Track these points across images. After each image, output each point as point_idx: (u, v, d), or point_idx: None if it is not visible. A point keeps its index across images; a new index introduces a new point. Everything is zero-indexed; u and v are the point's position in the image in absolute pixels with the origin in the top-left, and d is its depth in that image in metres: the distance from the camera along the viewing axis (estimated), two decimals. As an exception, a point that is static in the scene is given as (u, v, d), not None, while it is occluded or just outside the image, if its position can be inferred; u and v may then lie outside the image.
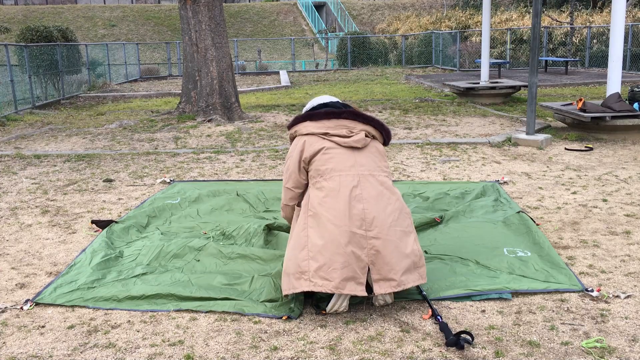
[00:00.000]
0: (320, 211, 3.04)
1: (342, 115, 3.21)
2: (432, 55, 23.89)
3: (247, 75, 22.59)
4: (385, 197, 3.09)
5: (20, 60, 13.01)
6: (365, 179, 3.10)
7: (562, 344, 2.75)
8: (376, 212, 3.02)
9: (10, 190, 5.92)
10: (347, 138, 3.17)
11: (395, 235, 3.02)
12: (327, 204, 3.04)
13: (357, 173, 3.11)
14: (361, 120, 3.22)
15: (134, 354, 2.77)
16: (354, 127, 3.20)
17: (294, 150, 3.23)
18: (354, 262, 2.94)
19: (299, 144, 3.23)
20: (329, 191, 3.06)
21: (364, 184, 3.08)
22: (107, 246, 4.07)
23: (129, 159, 7.33)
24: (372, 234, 2.97)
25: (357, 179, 3.09)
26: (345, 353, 2.72)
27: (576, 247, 3.98)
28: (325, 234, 2.98)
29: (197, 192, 5.39)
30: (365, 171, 3.13)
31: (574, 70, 18.92)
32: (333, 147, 3.15)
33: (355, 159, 3.15)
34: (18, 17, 33.29)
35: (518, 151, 7.22)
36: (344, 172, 3.10)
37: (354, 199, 3.03)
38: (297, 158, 3.21)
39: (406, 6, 36.87)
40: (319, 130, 3.19)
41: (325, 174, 3.12)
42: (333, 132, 3.18)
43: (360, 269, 2.95)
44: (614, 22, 7.58)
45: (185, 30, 10.35)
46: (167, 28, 33.93)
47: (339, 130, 3.18)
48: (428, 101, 12.37)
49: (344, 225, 2.97)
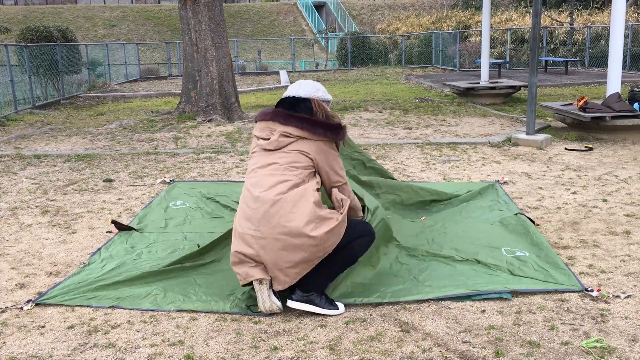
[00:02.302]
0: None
1: (267, 117, 3.27)
2: (432, 55, 23.89)
3: (247, 75, 22.60)
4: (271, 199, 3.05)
5: (20, 60, 13.02)
6: (263, 179, 3.14)
7: (562, 344, 2.75)
8: (263, 211, 3.05)
9: (10, 190, 5.93)
10: (265, 141, 3.24)
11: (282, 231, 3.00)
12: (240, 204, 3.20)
13: (261, 174, 3.17)
14: (280, 121, 3.21)
15: (134, 354, 2.77)
16: (275, 128, 3.22)
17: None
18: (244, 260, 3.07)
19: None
20: (242, 197, 3.21)
21: (261, 184, 3.13)
22: (125, 252, 4.04)
23: (129, 159, 7.33)
24: (259, 234, 3.04)
25: (257, 179, 3.16)
26: (345, 353, 2.72)
27: (576, 247, 3.98)
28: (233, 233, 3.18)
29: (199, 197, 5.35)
30: (267, 172, 3.16)
31: (574, 70, 18.93)
32: (257, 151, 3.28)
33: (265, 161, 3.20)
34: (18, 17, 33.30)
35: (518, 151, 7.22)
36: (252, 174, 3.21)
37: (248, 201, 3.13)
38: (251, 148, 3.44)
39: (406, 6, 36.88)
40: (254, 133, 3.34)
41: (246, 176, 3.30)
42: (259, 135, 3.28)
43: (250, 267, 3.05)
44: (614, 22, 7.58)
45: (185, 30, 10.36)
46: (167, 28, 33.94)
47: (264, 132, 3.26)
48: (428, 101, 12.37)
49: (239, 227, 3.11)
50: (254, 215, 3.06)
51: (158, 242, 4.23)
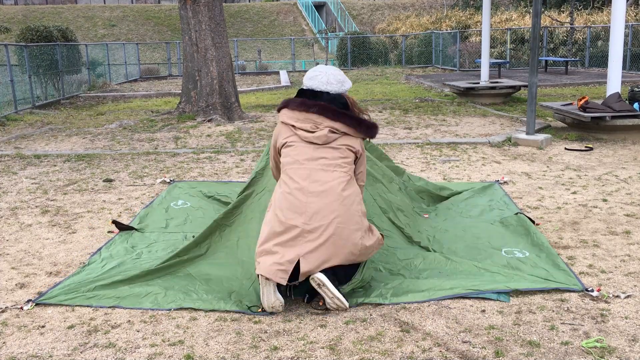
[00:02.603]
0: (274, 201, 3.23)
1: (311, 109, 3.24)
2: (432, 55, 23.89)
3: (247, 75, 22.59)
4: (330, 195, 3.12)
5: (20, 60, 13.01)
6: (316, 174, 3.15)
7: (562, 344, 2.75)
8: (318, 206, 3.09)
9: (10, 190, 5.93)
10: (310, 133, 3.22)
11: (334, 231, 3.07)
12: (280, 195, 3.19)
13: (311, 167, 3.18)
14: (329, 116, 3.22)
15: (134, 354, 2.77)
16: (321, 122, 3.23)
17: (273, 136, 3.42)
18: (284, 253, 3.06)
19: (275, 132, 3.40)
20: (283, 184, 3.21)
21: (314, 178, 3.15)
22: (125, 252, 4.03)
23: (129, 159, 7.33)
24: (308, 227, 3.06)
25: (308, 173, 3.16)
26: (345, 353, 2.72)
27: (576, 247, 3.98)
28: (269, 223, 3.16)
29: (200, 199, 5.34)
30: (318, 166, 3.18)
31: (574, 70, 18.92)
32: (296, 141, 3.24)
33: (313, 154, 3.20)
34: (18, 17, 33.30)
35: (518, 151, 7.22)
36: (297, 166, 3.19)
37: (298, 194, 3.12)
38: (274, 144, 3.41)
39: (406, 6, 36.88)
40: (289, 121, 3.28)
41: (284, 166, 3.25)
42: (298, 125, 3.24)
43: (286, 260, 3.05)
44: (614, 22, 7.58)
45: (185, 30, 10.36)
46: (167, 28, 33.94)
47: (305, 124, 3.23)
48: (428, 101, 12.37)
49: (282, 216, 3.11)
50: (304, 208, 3.08)
51: (159, 242, 4.23)
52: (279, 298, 3.08)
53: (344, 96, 3.34)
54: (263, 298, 3.09)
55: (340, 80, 3.35)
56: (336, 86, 3.32)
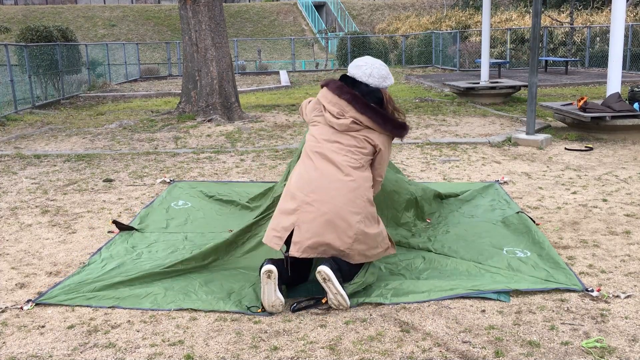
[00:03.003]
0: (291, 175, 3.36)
1: (343, 96, 3.29)
2: (432, 55, 23.88)
3: (247, 75, 22.59)
4: (336, 175, 3.21)
5: (20, 60, 13.01)
6: (329, 154, 3.25)
7: (562, 344, 2.75)
8: (321, 183, 3.19)
9: (10, 190, 5.93)
10: (335, 119, 3.29)
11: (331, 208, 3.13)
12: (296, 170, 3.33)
13: (325, 147, 3.27)
14: (357, 108, 3.26)
15: (134, 354, 2.77)
16: (348, 111, 3.28)
17: (309, 106, 3.52)
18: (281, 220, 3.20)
19: (312, 103, 3.51)
20: (300, 161, 3.35)
21: (325, 157, 3.25)
22: (126, 252, 4.03)
23: (128, 159, 7.33)
24: (308, 199, 3.15)
25: (320, 151, 3.27)
26: (345, 353, 2.72)
27: (576, 247, 3.98)
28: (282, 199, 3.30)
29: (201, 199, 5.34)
30: (331, 148, 3.27)
31: (574, 70, 18.92)
32: (321, 122, 3.36)
33: (330, 137, 3.29)
34: (18, 17, 33.29)
35: (518, 151, 7.22)
36: (315, 145, 3.30)
37: (308, 170, 3.25)
38: (305, 113, 3.54)
39: (406, 6, 36.87)
40: (323, 100, 3.36)
41: (305, 147, 3.37)
42: (328, 108, 3.32)
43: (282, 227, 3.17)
44: (614, 22, 7.58)
45: (185, 30, 10.35)
46: (167, 28, 33.93)
47: (333, 107, 3.30)
48: (428, 101, 12.37)
49: (290, 190, 3.23)
50: (308, 182, 3.20)
51: (159, 242, 4.22)
52: (279, 297, 3.08)
53: (381, 91, 3.36)
54: (264, 297, 3.08)
55: (383, 75, 3.37)
56: (377, 80, 3.35)
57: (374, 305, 3.19)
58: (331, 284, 3.08)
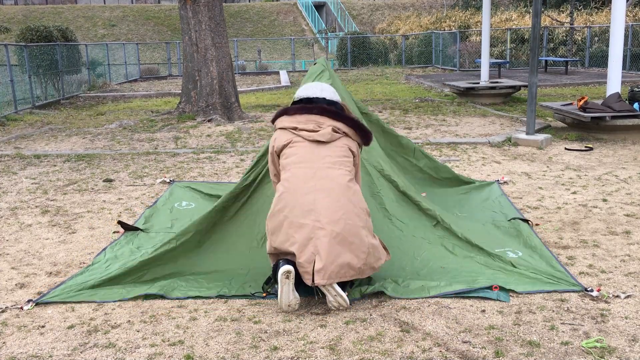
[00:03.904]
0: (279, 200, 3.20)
1: (313, 111, 3.32)
2: (432, 55, 23.88)
3: (247, 75, 22.59)
4: (337, 192, 3.16)
5: (20, 60, 13.01)
6: (322, 171, 3.20)
7: (562, 344, 2.75)
8: (327, 203, 3.12)
9: (10, 190, 5.93)
10: (314, 132, 3.27)
11: (344, 227, 3.09)
12: (282, 195, 3.19)
13: (317, 166, 3.21)
14: (330, 116, 3.30)
15: (134, 354, 2.77)
16: (323, 122, 3.29)
17: (270, 143, 3.44)
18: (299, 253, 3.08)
19: (272, 138, 3.43)
20: (287, 183, 3.21)
21: (320, 175, 3.19)
22: (131, 253, 4.03)
23: (128, 159, 7.33)
24: (319, 224, 3.07)
25: (314, 171, 3.20)
26: (345, 353, 2.72)
27: (576, 247, 3.98)
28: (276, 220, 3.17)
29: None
30: (324, 164, 3.22)
31: (574, 70, 18.92)
32: (299, 141, 3.29)
33: (318, 153, 3.24)
34: (18, 17, 33.29)
35: (518, 151, 7.22)
36: (303, 165, 3.22)
37: (306, 191, 3.15)
38: (271, 151, 3.42)
39: (406, 6, 36.87)
40: (290, 125, 3.32)
41: (287, 166, 3.27)
42: (301, 127, 3.29)
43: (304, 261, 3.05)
44: (614, 22, 7.58)
45: (185, 30, 10.36)
46: (167, 28, 33.93)
47: (308, 124, 3.29)
48: (428, 101, 12.37)
49: (295, 218, 3.11)
50: (312, 205, 3.11)
51: None
52: (296, 296, 3.11)
53: (339, 103, 3.46)
54: (281, 297, 3.09)
55: (332, 90, 3.49)
56: (330, 93, 3.45)
57: (374, 305, 3.20)
58: (331, 287, 3.09)
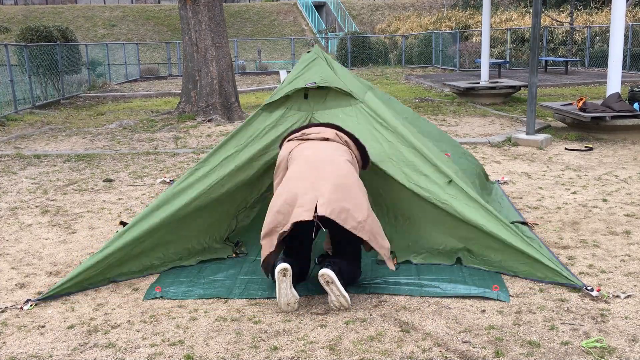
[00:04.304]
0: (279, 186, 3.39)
1: (320, 126, 3.68)
2: (432, 55, 23.88)
3: (247, 75, 22.60)
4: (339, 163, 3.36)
5: (20, 60, 13.01)
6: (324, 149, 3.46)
7: (562, 344, 2.75)
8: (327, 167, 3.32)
9: (10, 190, 5.93)
10: (319, 134, 3.60)
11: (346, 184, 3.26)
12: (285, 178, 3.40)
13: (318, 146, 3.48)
14: (333, 128, 3.65)
15: (134, 354, 2.77)
16: (327, 129, 3.63)
17: (278, 160, 3.65)
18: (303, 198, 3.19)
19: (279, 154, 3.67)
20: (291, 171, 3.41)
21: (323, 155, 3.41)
22: None
23: (128, 159, 7.33)
24: (323, 177, 3.25)
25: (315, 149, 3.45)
26: (345, 353, 2.72)
27: (576, 247, 3.98)
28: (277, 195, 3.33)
29: None
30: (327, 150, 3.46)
31: (574, 70, 18.91)
32: (305, 141, 3.57)
33: (322, 146, 3.50)
34: (18, 17, 33.29)
35: (518, 151, 7.22)
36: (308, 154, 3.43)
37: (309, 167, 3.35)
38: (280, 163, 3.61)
39: (406, 6, 36.86)
40: (298, 134, 3.64)
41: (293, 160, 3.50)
42: (307, 132, 3.63)
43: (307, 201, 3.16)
44: (614, 22, 7.58)
45: (185, 30, 10.35)
46: (167, 28, 33.92)
47: (314, 131, 3.63)
48: (428, 101, 12.37)
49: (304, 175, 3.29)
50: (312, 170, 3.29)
51: None
52: (294, 294, 3.13)
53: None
54: (279, 296, 3.12)
55: None
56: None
57: (374, 305, 3.20)
58: (334, 286, 3.10)
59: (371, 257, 3.79)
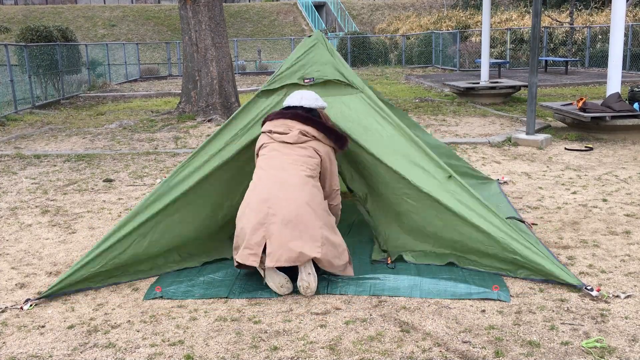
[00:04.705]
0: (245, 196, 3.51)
1: (286, 116, 3.62)
2: (432, 55, 23.88)
3: (247, 75, 22.60)
4: (293, 185, 3.38)
5: (20, 60, 13.02)
6: (285, 165, 3.46)
7: (562, 344, 2.75)
8: (283, 193, 3.35)
9: (10, 190, 5.93)
10: (283, 135, 3.57)
11: (296, 216, 3.29)
12: (248, 190, 3.50)
13: (281, 160, 3.49)
14: (300, 120, 3.58)
15: (134, 354, 2.77)
16: (293, 126, 3.58)
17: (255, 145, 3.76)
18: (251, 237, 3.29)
19: (257, 141, 3.77)
20: (254, 179, 3.53)
21: (281, 169, 3.45)
22: None
23: (128, 159, 7.33)
24: (272, 211, 3.29)
25: (276, 169, 3.46)
26: (345, 353, 2.72)
27: (576, 247, 3.98)
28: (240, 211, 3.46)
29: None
30: (287, 160, 3.48)
31: (574, 70, 18.92)
32: (271, 142, 3.60)
33: (284, 152, 3.53)
34: (18, 17, 33.29)
35: (518, 151, 7.22)
36: (270, 162, 3.50)
37: (265, 184, 3.41)
38: (255, 151, 3.76)
39: (406, 6, 36.87)
40: (267, 128, 3.65)
41: (258, 164, 3.60)
42: (274, 130, 3.61)
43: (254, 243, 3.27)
44: (614, 22, 7.58)
45: (185, 30, 10.35)
46: (167, 28, 33.92)
47: (279, 128, 3.60)
48: (428, 101, 12.37)
49: (254, 205, 3.35)
50: (269, 193, 3.35)
51: None
52: (283, 275, 3.30)
53: (317, 110, 3.70)
54: (270, 282, 3.31)
55: (314, 97, 3.73)
56: (309, 101, 3.70)
57: (374, 305, 3.20)
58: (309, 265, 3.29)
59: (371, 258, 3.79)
